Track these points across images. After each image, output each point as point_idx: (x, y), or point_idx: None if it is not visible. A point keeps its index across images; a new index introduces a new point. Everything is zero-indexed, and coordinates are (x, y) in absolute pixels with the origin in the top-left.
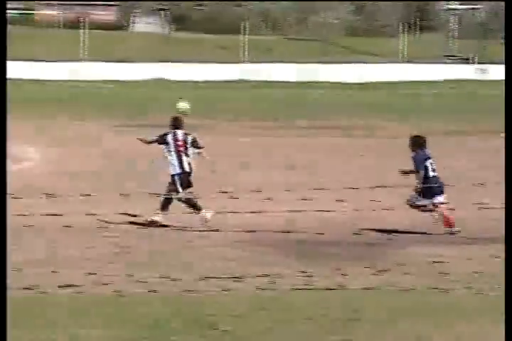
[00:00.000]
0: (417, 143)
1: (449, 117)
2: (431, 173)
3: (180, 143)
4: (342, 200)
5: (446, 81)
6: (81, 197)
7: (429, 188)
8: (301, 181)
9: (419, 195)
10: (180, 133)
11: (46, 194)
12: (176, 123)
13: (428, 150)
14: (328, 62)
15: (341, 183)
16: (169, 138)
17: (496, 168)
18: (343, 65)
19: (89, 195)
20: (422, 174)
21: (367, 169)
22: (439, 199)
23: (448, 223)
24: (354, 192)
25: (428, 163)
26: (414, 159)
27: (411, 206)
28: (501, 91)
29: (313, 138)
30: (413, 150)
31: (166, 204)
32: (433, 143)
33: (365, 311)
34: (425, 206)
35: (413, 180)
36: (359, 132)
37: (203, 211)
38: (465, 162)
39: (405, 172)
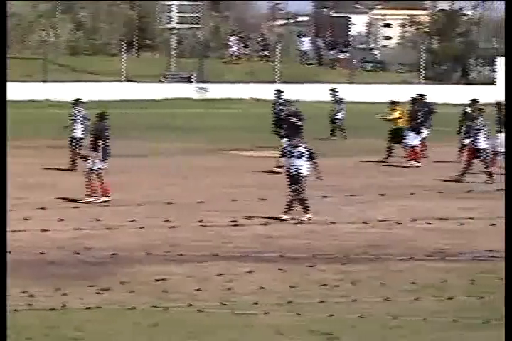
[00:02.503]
0: None
1: (179, 135)
2: None
3: None
4: (63, 219)
5: (166, 100)
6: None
7: None
8: (24, 201)
9: None
10: None
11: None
12: None
13: None
14: (49, 81)
15: (65, 202)
16: None
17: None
18: (65, 83)
19: None
20: None
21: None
22: None
23: None
24: (77, 211)
25: None
26: None
27: None
28: (225, 109)
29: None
30: None
31: None
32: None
33: (87, 330)
34: None
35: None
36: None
37: None
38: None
39: None
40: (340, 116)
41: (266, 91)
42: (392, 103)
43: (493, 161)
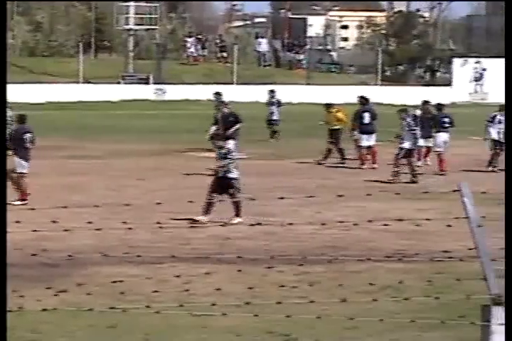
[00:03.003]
0: None
1: (136, 136)
2: None
3: None
4: (19, 221)
5: (123, 101)
6: None
7: None
8: None
9: None
10: None
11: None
12: None
13: None
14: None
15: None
16: None
17: (189, 188)
18: (23, 85)
19: None
20: None
21: (53, 189)
22: None
23: None
24: (34, 212)
25: None
26: None
27: None
28: (182, 110)
29: None
30: None
31: None
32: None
33: (44, 332)
34: None
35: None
36: (58, 153)
37: None
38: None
39: None
40: (275, 117)
41: (223, 93)
42: (328, 105)
43: (441, 161)
